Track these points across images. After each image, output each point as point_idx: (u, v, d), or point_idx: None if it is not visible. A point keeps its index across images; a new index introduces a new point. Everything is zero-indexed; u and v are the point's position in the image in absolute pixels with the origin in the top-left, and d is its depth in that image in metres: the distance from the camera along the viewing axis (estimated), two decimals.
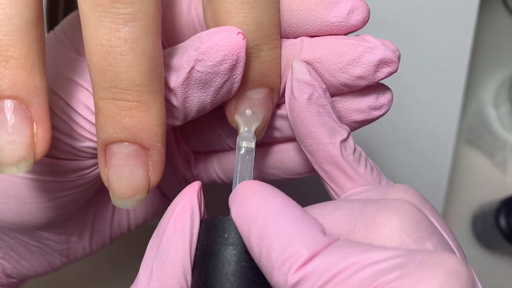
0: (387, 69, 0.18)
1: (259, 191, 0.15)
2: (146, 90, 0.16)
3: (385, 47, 0.17)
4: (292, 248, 0.14)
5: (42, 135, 0.15)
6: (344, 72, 0.17)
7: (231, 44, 0.16)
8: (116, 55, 0.15)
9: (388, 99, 0.19)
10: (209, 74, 0.16)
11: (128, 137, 0.16)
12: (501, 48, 0.46)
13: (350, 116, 0.19)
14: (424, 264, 0.13)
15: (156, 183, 0.17)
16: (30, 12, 0.15)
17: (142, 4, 0.15)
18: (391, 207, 0.15)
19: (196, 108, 0.17)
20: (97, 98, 0.16)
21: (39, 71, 0.15)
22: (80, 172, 0.19)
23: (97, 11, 0.15)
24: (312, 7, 0.17)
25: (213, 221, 0.17)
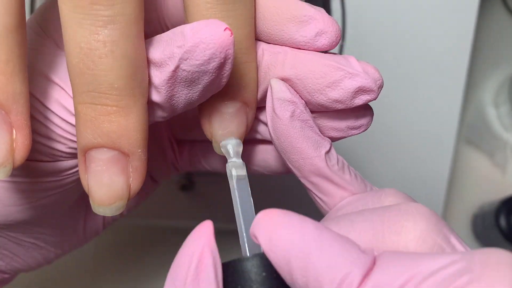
0: (365, 96, 0.17)
1: (285, 219, 0.15)
2: (125, 94, 0.15)
3: (365, 75, 0.17)
4: (343, 272, 0.13)
5: (21, 141, 0.15)
6: (321, 94, 0.17)
7: (218, 41, 0.15)
8: (95, 58, 0.15)
9: (368, 121, 0.19)
10: (195, 73, 0.16)
11: (107, 143, 0.16)
12: (501, 48, 0.46)
13: (327, 133, 0.19)
14: (488, 264, 0.13)
15: (137, 189, 0.17)
16: (10, 17, 0.14)
17: (122, 6, 0.14)
18: (411, 211, 0.15)
19: (183, 105, 0.17)
20: (76, 102, 0.16)
21: (20, 77, 0.15)
22: (62, 173, 0.19)
23: (76, 13, 0.14)
24: (284, 22, 0.17)
25: (243, 263, 0.15)
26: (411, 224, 0.15)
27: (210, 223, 0.16)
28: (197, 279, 0.15)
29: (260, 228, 0.15)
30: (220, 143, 0.18)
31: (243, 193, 0.18)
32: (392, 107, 0.37)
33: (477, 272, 0.13)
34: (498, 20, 0.46)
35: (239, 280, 0.15)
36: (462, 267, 0.13)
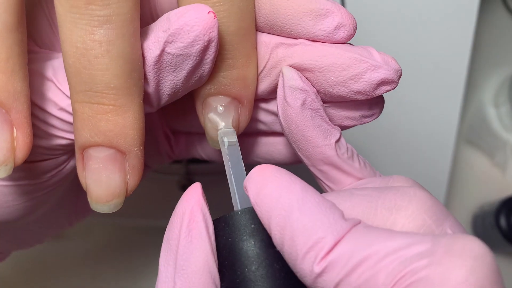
0: (387, 87, 0.17)
1: (276, 176, 0.15)
2: (122, 93, 0.15)
3: (388, 67, 0.17)
4: (316, 235, 0.14)
5: (22, 139, 0.15)
6: (344, 86, 0.17)
7: (202, 24, 0.15)
8: (91, 57, 0.15)
9: (381, 108, 0.19)
10: (180, 56, 0.16)
11: (104, 141, 0.16)
12: (501, 48, 0.46)
13: (341, 121, 0.19)
14: (451, 250, 0.13)
15: (135, 187, 0.17)
16: (10, 16, 0.15)
17: (118, 6, 0.15)
18: (408, 192, 0.15)
19: (169, 92, 0.17)
20: (74, 101, 0.16)
21: (20, 75, 0.15)
22: (56, 169, 0.19)
23: (72, 13, 0.14)
24: (299, 15, 0.17)
25: (234, 216, 0.16)
26: (404, 203, 0.15)
27: (199, 184, 0.16)
28: (190, 235, 0.15)
29: (251, 181, 0.15)
30: (208, 114, 0.18)
31: (234, 158, 0.18)
32: (392, 107, 0.37)
33: (438, 256, 0.13)
34: (498, 20, 0.46)
35: (229, 233, 0.16)
36: (426, 249, 0.13)
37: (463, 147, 0.46)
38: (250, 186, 0.15)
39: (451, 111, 0.37)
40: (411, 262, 0.13)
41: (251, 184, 0.15)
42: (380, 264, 0.13)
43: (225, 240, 0.16)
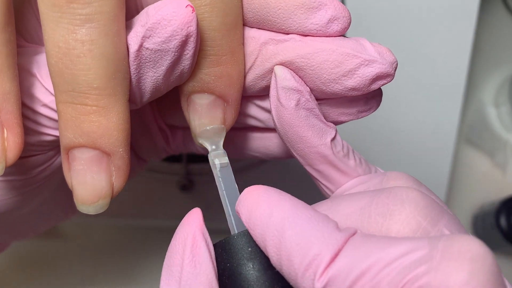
0: (382, 81, 0.17)
1: (265, 197, 0.15)
2: (105, 94, 0.15)
3: (382, 61, 0.16)
4: (312, 252, 0.14)
5: (13, 140, 0.15)
6: (337, 83, 0.17)
7: (179, 18, 0.15)
8: (73, 57, 0.15)
9: (378, 102, 0.18)
10: (158, 52, 0.15)
11: (88, 142, 0.16)
12: (501, 48, 0.46)
13: (337, 117, 0.19)
14: (448, 253, 0.13)
15: (121, 188, 0.17)
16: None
17: (100, 4, 0.14)
18: (400, 194, 0.15)
19: (150, 89, 0.17)
20: (57, 101, 0.15)
21: (8, 75, 0.15)
22: (44, 164, 0.19)
23: (54, 12, 0.14)
24: (291, 9, 0.16)
25: (230, 241, 0.16)
26: (397, 208, 0.15)
27: (198, 210, 0.16)
28: (193, 261, 0.15)
29: (242, 204, 0.15)
30: (197, 138, 0.18)
31: (227, 179, 0.18)
32: (392, 107, 0.37)
33: (436, 261, 0.13)
34: (498, 20, 0.46)
35: (227, 257, 0.16)
36: (423, 254, 0.13)
37: (463, 147, 0.46)
38: (241, 210, 0.15)
39: (451, 111, 0.37)
40: (411, 270, 0.13)
41: (243, 207, 0.15)
42: (380, 274, 0.13)
43: (224, 266, 0.16)
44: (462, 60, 0.36)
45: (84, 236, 0.46)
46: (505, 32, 0.46)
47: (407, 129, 0.38)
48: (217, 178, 0.18)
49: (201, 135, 0.18)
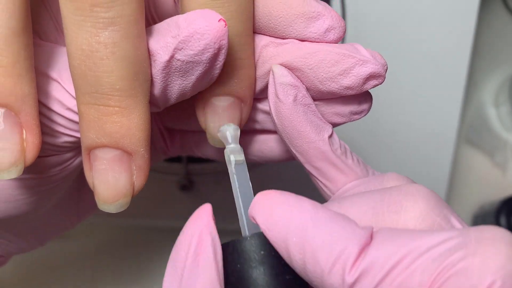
0: (374, 81, 0.18)
1: (283, 199, 0.15)
2: (127, 95, 0.15)
3: (375, 61, 0.17)
4: (339, 247, 0.14)
5: (31, 141, 0.16)
6: (333, 81, 0.17)
7: (212, 32, 0.15)
8: (96, 60, 0.15)
9: (369, 105, 0.19)
10: (189, 63, 0.16)
11: (110, 143, 0.16)
12: (501, 48, 0.46)
13: (331, 118, 0.19)
14: (483, 240, 0.13)
15: (141, 187, 0.17)
16: (16, 21, 0.15)
17: (123, 8, 0.15)
18: (412, 192, 0.15)
19: (176, 95, 0.17)
20: (80, 103, 0.16)
21: (27, 78, 0.15)
22: (61, 165, 0.19)
23: (77, 15, 0.15)
24: (292, 17, 0.17)
25: (242, 242, 0.16)
26: (410, 204, 0.15)
27: (209, 206, 0.16)
28: (196, 260, 0.15)
29: (258, 208, 0.15)
30: (219, 129, 0.18)
31: (241, 178, 0.18)
32: (392, 107, 0.37)
33: (472, 247, 0.13)
34: (498, 20, 0.46)
35: (238, 259, 0.15)
36: (457, 243, 0.13)
37: (463, 147, 0.46)
38: (257, 213, 0.15)
39: (451, 111, 0.37)
40: (446, 257, 0.13)
41: (258, 210, 0.15)
42: (415, 263, 0.13)
43: (234, 266, 0.15)
44: (462, 60, 0.36)
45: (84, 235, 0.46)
46: (505, 32, 0.46)
47: (407, 129, 0.38)
48: (231, 175, 0.18)
49: (218, 136, 0.19)
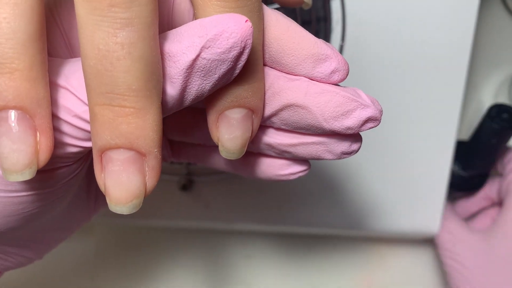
0: (371, 124, 0.19)
1: None
2: (142, 95, 0.16)
3: (374, 107, 0.19)
4: None
5: (45, 143, 0.16)
6: (337, 121, 0.19)
7: (241, 31, 0.16)
8: (113, 59, 0.15)
9: (359, 147, 0.21)
10: (215, 61, 0.16)
11: (125, 144, 0.16)
12: (501, 48, 0.46)
13: (323, 155, 0.21)
14: None
15: (153, 187, 0.17)
16: (33, 26, 0.15)
17: (140, 9, 0.15)
18: None
19: (193, 97, 0.17)
20: (93, 104, 0.16)
21: (42, 82, 0.16)
22: (68, 176, 0.19)
23: (95, 15, 0.15)
24: (302, 57, 0.19)
25: None
26: None
27: None
28: None
29: None
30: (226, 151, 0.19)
31: None
32: (392, 107, 0.37)
33: None
34: (498, 20, 0.46)
35: None
36: None
37: None
38: None
39: (451, 111, 0.37)
40: None
41: None
42: None
43: None
44: (462, 60, 0.36)
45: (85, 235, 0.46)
46: (505, 32, 0.46)
47: (407, 129, 0.38)
48: None
49: (231, 148, 0.19)
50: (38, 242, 0.24)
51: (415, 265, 0.45)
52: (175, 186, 0.39)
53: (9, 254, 0.23)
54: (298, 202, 0.39)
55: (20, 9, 0.15)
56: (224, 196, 0.39)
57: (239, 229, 0.43)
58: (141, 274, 0.44)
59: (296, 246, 0.45)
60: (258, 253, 0.45)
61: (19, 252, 0.23)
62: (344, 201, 0.39)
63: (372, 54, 0.36)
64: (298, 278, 0.45)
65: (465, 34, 0.36)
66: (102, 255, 0.45)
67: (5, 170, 0.16)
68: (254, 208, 0.39)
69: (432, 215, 0.40)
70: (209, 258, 0.45)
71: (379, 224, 0.40)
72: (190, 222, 0.40)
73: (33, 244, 0.24)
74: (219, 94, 0.18)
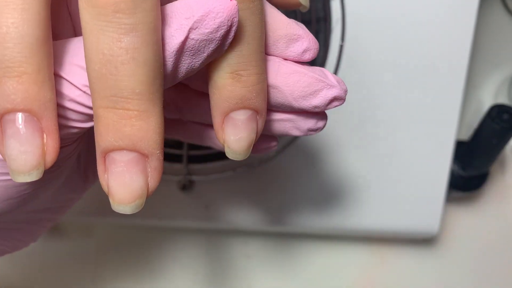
0: (336, 103, 0.21)
1: None
2: (145, 99, 0.16)
3: (340, 87, 0.20)
4: None
5: (51, 144, 0.16)
6: (305, 100, 0.20)
7: (226, 10, 0.17)
8: (117, 64, 0.15)
9: (324, 124, 0.22)
10: (203, 41, 0.17)
11: (128, 145, 0.16)
12: (500, 49, 0.46)
13: (291, 131, 0.22)
14: None
15: (155, 188, 0.18)
16: (40, 31, 0.16)
17: (144, 15, 0.15)
18: None
19: (183, 75, 0.18)
20: (97, 106, 0.16)
21: (49, 85, 0.16)
22: (66, 157, 0.20)
23: (99, 21, 0.15)
24: (277, 38, 0.20)
25: None
26: None
27: None
28: None
29: None
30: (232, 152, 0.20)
31: None
32: (391, 107, 0.37)
33: None
34: (497, 20, 0.46)
35: None
36: None
37: None
38: None
39: (450, 111, 0.37)
40: None
41: None
42: None
43: None
44: (462, 60, 0.36)
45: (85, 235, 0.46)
46: (504, 32, 0.46)
47: (406, 129, 0.38)
48: None
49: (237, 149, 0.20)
50: (32, 223, 0.24)
51: (415, 265, 0.45)
52: (175, 186, 0.39)
53: (5, 238, 0.23)
54: (298, 202, 0.39)
55: (28, 14, 0.15)
56: (224, 196, 0.39)
57: (239, 229, 0.43)
58: (141, 274, 0.44)
59: (296, 246, 0.45)
60: (258, 253, 0.45)
61: (15, 235, 0.24)
62: (344, 201, 0.40)
63: (372, 54, 0.36)
64: (298, 278, 0.45)
65: (465, 34, 0.36)
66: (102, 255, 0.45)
67: (13, 171, 0.16)
68: (254, 208, 0.39)
69: (431, 215, 0.40)
70: (209, 258, 0.45)
71: (379, 224, 0.40)
72: (190, 222, 0.40)
73: (28, 226, 0.24)
74: (224, 97, 0.19)
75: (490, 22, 0.46)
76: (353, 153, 0.38)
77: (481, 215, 0.46)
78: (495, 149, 0.40)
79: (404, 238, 0.45)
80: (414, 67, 0.37)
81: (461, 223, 0.46)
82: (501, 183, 0.46)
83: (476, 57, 0.46)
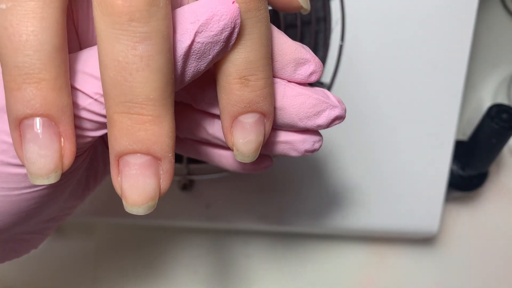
0: (337, 121, 0.22)
1: None
2: (159, 104, 0.17)
3: (341, 107, 0.22)
4: None
5: (69, 148, 0.17)
6: (309, 120, 0.21)
7: (229, 12, 0.17)
8: (132, 71, 0.16)
9: (320, 145, 0.23)
10: (209, 44, 0.18)
11: (142, 149, 0.17)
12: (500, 48, 0.46)
13: (289, 152, 0.23)
14: None
15: (166, 190, 0.18)
16: (58, 38, 0.16)
17: (158, 24, 0.16)
18: None
19: (190, 78, 0.19)
20: (112, 112, 0.17)
21: (66, 91, 0.17)
22: (76, 167, 0.20)
23: (115, 29, 0.16)
24: (285, 62, 0.20)
25: None
26: None
27: None
28: None
29: None
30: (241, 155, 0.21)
31: None
32: (391, 107, 0.37)
33: None
34: (497, 20, 0.46)
35: None
36: None
37: None
38: None
39: (450, 111, 0.37)
40: None
41: None
42: None
43: None
44: (461, 60, 0.36)
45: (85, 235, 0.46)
46: (504, 32, 0.46)
47: (406, 129, 0.38)
48: None
49: (246, 152, 0.21)
50: (36, 233, 0.24)
51: (414, 264, 0.46)
52: (175, 186, 0.39)
53: (9, 249, 0.23)
54: (298, 202, 0.39)
55: (47, 23, 0.16)
56: (224, 196, 0.39)
57: (239, 229, 0.43)
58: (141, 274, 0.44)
59: (296, 246, 0.45)
60: (258, 253, 0.45)
61: (18, 246, 0.24)
62: (343, 200, 0.40)
63: (372, 54, 0.36)
64: (298, 278, 0.45)
65: (464, 34, 0.36)
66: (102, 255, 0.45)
67: (32, 174, 0.17)
68: (254, 208, 0.39)
69: (431, 215, 0.40)
70: (209, 258, 0.45)
71: (378, 223, 0.40)
72: (190, 222, 0.40)
73: (31, 236, 0.24)
74: (233, 101, 0.19)
75: (489, 22, 0.46)
76: (353, 153, 0.38)
77: (481, 214, 0.46)
78: (495, 148, 0.40)
79: (404, 238, 0.45)
80: (414, 67, 0.37)
81: (461, 223, 0.46)
82: (500, 183, 0.47)
83: (475, 57, 0.46)
